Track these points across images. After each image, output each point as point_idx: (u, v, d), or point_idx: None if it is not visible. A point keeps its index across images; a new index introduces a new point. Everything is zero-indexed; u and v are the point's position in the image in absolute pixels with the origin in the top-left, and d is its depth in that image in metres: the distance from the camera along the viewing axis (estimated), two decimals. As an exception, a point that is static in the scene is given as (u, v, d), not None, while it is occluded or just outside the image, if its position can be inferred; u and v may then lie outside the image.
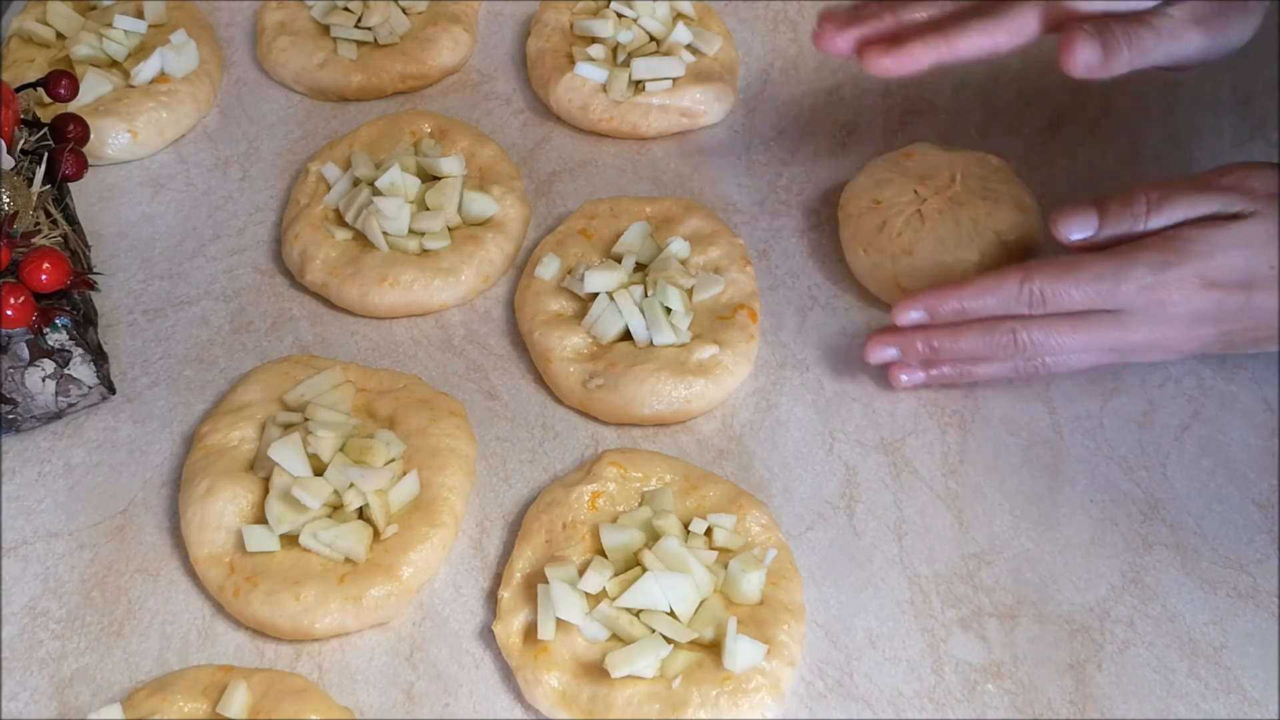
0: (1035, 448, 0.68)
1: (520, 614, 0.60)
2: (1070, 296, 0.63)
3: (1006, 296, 0.64)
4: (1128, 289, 0.62)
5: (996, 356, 0.66)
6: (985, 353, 0.66)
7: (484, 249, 0.75)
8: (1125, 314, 0.63)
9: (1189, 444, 0.68)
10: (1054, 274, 0.63)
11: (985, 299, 0.65)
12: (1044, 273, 0.63)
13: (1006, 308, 0.64)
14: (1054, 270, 0.63)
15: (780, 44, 0.92)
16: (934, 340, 0.67)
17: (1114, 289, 0.62)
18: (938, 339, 0.66)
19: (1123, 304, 0.62)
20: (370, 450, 0.63)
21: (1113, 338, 0.64)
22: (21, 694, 0.59)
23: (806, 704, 0.59)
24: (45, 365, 0.66)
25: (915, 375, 0.69)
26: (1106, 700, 0.59)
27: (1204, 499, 0.66)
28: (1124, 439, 0.68)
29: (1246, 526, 0.65)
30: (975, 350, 0.66)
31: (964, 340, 0.66)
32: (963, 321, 0.66)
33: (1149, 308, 0.62)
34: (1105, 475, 0.67)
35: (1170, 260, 0.61)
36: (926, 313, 0.66)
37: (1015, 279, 0.64)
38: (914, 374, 0.69)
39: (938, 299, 0.66)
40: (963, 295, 0.65)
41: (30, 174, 0.69)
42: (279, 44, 0.88)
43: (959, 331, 0.66)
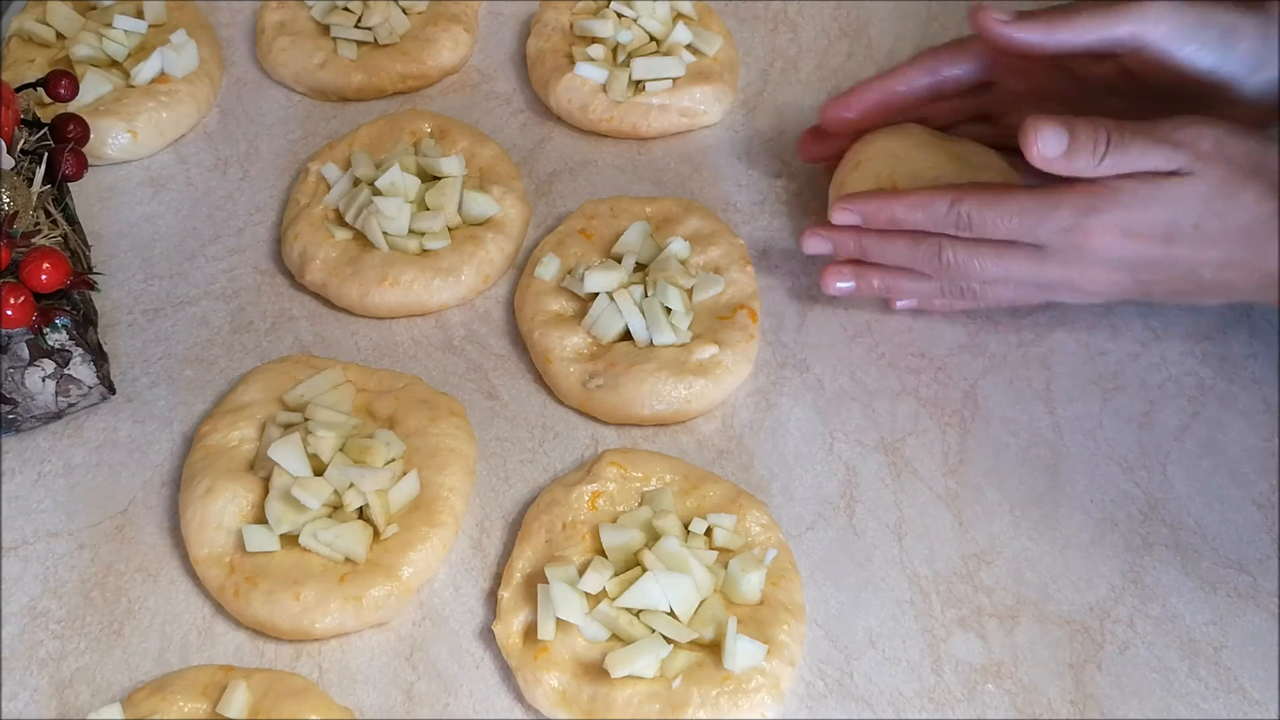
0: (1035, 448, 0.68)
1: (520, 614, 0.60)
2: (995, 225, 0.65)
3: (936, 213, 0.66)
4: (1050, 227, 0.64)
5: (922, 270, 0.69)
6: (911, 263, 0.69)
7: (484, 249, 0.75)
8: (1046, 250, 0.65)
9: (1189, 444, 0.68)
10: (983, 201, 0.65)
11: (916, 213, 0.67)
12: (974, 198, 0.65)
13: (935, 224, 0.67)
14: (984, 197, 0.65)
15: (780, 44, 0.92)
16: (864, 241, 0.70)
17: (1037, 225, 0.64)
18: (868, 240, 0.70)
19: (1044, 240, 0.64)
20: (370, 450, 0.63)
21: (1032, 271, 0.66)
22: (21, 694, 0.59)
23: (806, 704, 0.59)
24: (45, 365, 0.66)
25: (846, 280, 0.71)
26: (1106, 700, 0.59)
27: (1204, 499, 0.66)
28: (1124, 439, 0.68)
29: (1246, 526, 0.65)
30: (902, 258, 0.69)
31: (892, 246, 0.69)
32: (894, 230, 0.69)
33: (1068, 248, 0.64)
34: (1105, 475, 0.67)
35: (1096, 205, 0.62)
36: (861, 216, 0.69)
37: (946, 198, 0.66)
38: (845, 278, 0.71)
39: (873, 204, 0.69)
40: (895, 205, 0.68)
41: (30, 174, 0.69)
42: (279, 44, 0.88)
43: (889, 238, 0.69)
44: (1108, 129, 0.62)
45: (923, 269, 0.69)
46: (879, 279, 0.71)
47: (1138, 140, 0.62)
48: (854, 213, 0.69)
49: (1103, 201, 0.62)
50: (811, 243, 0.71)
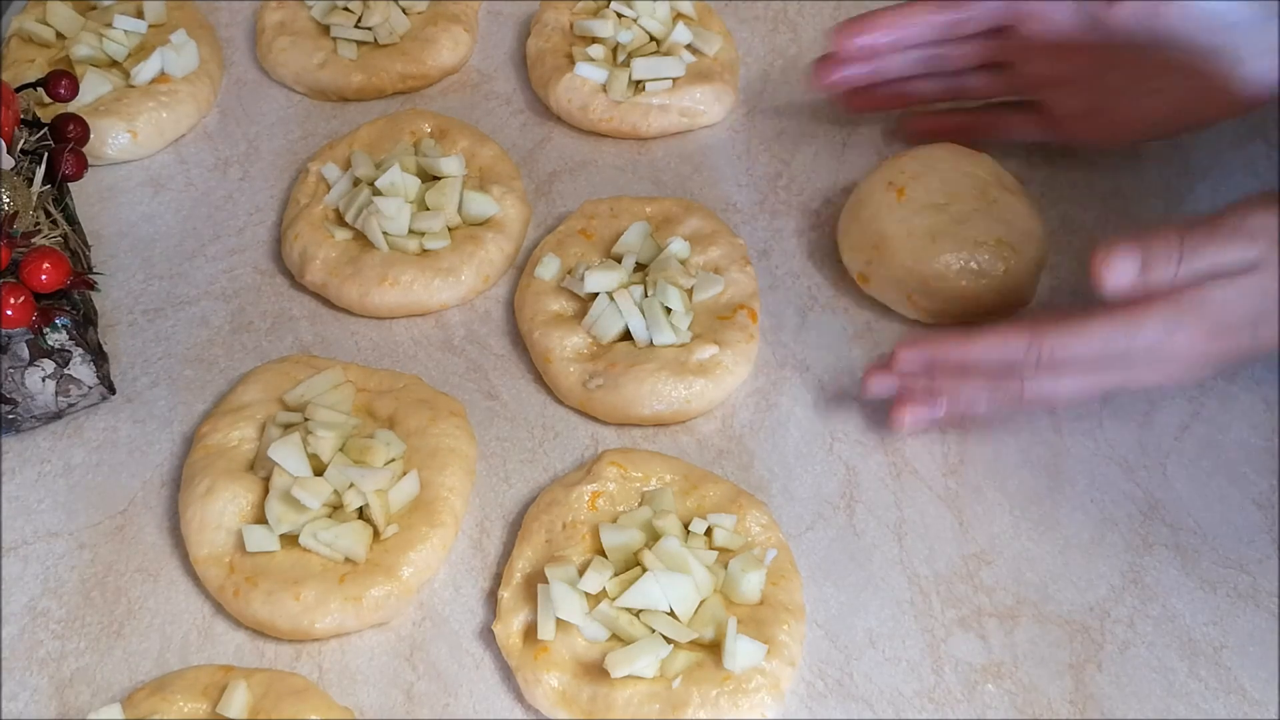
0: (1035, 448, 0.68)
1: (520, 614, 0.60)
2: (1079, 356, 0.62)
3: (1013, 354, 0.62)
4: (1139, 348, 0.61)
5: (1000, 403, 0.65)
6: (989, 400, 0.65)
7: (484, 249, 0.75)
8: (1133, 364, 0.62)
9: (1189, 444, 0.68)
10: (1062, 335, 0.61)
11: (991, 356, 0.63)
12: (1052, 334, 0.61)
13: (1010, 365, 0.63)
14: (1062, 331, 0.61)
15: (780, 44, 0.92)
16: (936, 381, 0.66)
17: (1124, 350, 0.61)
18: (939, 380, 0.65)
19: (1131, 358, 0.61)
20: (370, 450, 0.63)
21: (1117, 381, 0.63)
22: (21, 694, 0.59)
23: (806, 704, 0.59)
24: (45, 365, 0.66)
25: (919, 417, 0.67)
26: (1106, 700, 0.59)
27: (1204, 499, 0.66)
28: (1124, 439, 0.68)
29: (1246, 526, 0.65)
30: (979, 396, 0.65)
31: (968, 387, 0.65)
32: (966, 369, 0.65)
33: (1157, 359, 0.61)
34: (1105, 475, 0.67)
35: (1181, 319, 0.60)
36: (928, 364, 0.65)
37: (1023, 339, 0.62)
38: (918, 415, 0.67)
39: (940, 351, 0.65)
40: (966, 351, 0.64)
41: (30, 174, 0.69)
42: (279, 44, 0.88)
43: (962, 379, 0.65)
44: (1179, 235, 0.60)
45: (1003, 404, 0.65)
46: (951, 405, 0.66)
47: (1212, 240, 0.59)
48: (920, 358, 0.65)
49: (1187, 314, 0.60)
50: (875, 386, 0.67)
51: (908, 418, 0.66)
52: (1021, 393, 0.63)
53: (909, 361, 0.65)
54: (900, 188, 0.73)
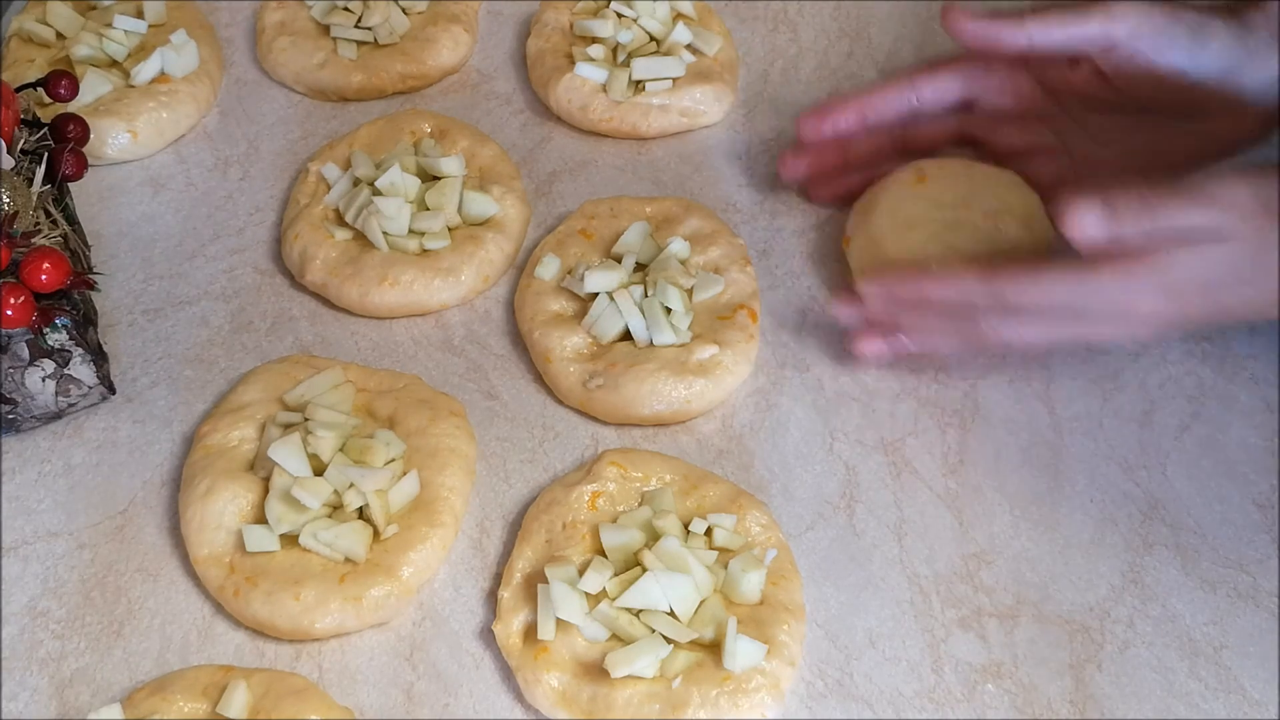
0: (1035, 448, 0.68)
1: (520, 614, 0.60)
2: (1033, 303, 0.62)
3: (969, 292, 0.64)
4: (1094, 300, 0.62)
5: (958, 339, 0.67)
6: (949, 335, 0.67)
7: (484, 249, 0.75)
8: (1089, 314, 0.63)
9: (1189, 444, 0.68)
10: (1017, 281, 0.62)
11: (948, 291, 0.65)
12: (1007, 277, 0.62)
13: (967, 303, 0.64)
14: (1016, 276, 0.62)
15: (780, 44, 0.92)
16: (897, 310, 0.68)
17: (1077, 300, 0.62)
18: (901, 310, 0.68)
19: (1085, 310, 0.62)
20: (370, 450, 0.63)
21: (1075, 332, 0.64)
22: (21, 694, 0.59)
23: (806, 704, 0.59)
24: (45, 365, 0.66)
25: (877, 346, 0.69)
26: (1106, 700, 0.59)
27: (1204, 499, 0.66)
28: (1124, 439, 0.68)
29: (1246, 526, 0.65)
30: (938, 330, 0.67)
31: (928, 319, 0.67)
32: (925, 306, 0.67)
33: (1114, 314, 0.62)
34: (1105, 475, 0.67)
35: (1138, 276, 0.60)
36: (887, 294, 0.67)
37: (976, 281, 0.63)
38: (876, 345, 0.69)
39: (898, 285, 0.67)
40: (925, 285, 0.65)
41: (30, 174, 0.69)
42: (279, 44, 0.88)
43: (924, 311, 0.67)
44: (1144, 193, 0.60)
45: (961, 340, 0.67)
46: (911, 340, 0.69)
47: (1178, 201, 0.59)
48: (880, 288, 0.67)
49: (1144, 271, 0.60)
50: (842, 310, 0.69)
51: (866, 348, 0.69)
52: (978, 328, 0.65)
53: (871, 294, 0.67)
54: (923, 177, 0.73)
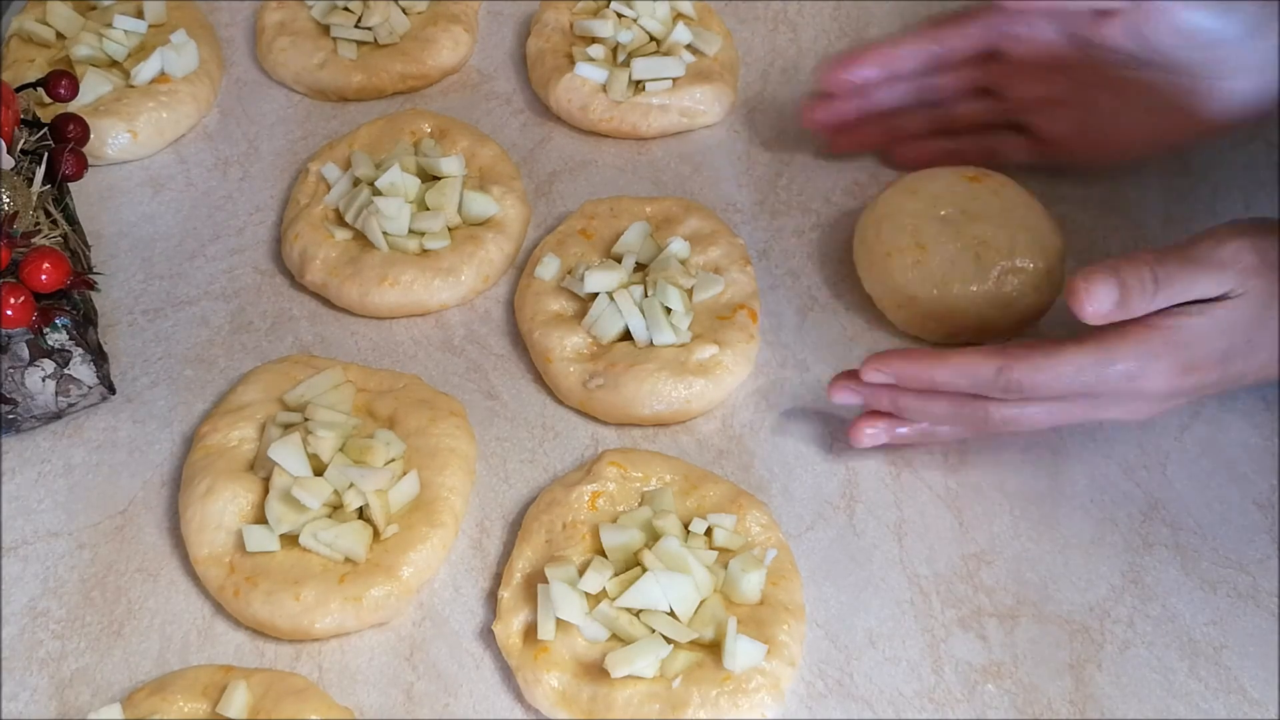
0: (1035, 448, 0.68)
1: (520, 614, 0.60)
2: (1049, 387, 0.60)
3: (982, 379, 0.61)
4: (1109, 382, 0.60)
5: (963, 427, 0.65)
6: (954, 424, 0.65)
7: (484, 249, 0.75)
8: (1102, 397, 0.61)
9: (1189, 444, 0.68)
10: (1033, 365, 0.60)
11: (959, 379, 0.62)
12: (1023, 364, 0.60)
13: (978, 389, 0.62)
14: (1033, 361, 0.60)
15: (780, 44, 0.92)
16: (900, 400, 0.64)
17: (1094, 382, 0.60)
18: (905, 400, 0.64)
19: (1101, 392, 0.61)
20: (370, 450, 0.63)
21: (1084, 414, 0.62)
22: (21, 694, 0.59)
23: (806, 704, 0.59)
24: (45, 365, 0.66)
25: (878, 435, 0.66)
26: (1106, 700, 0.59)
27: (1204, 499, 0.66)
28: (1124, 439, 0.68)
29: (1246, 526, 0.65)
30: (942, 418, 0.65)
31: (933, 407, 0.64)
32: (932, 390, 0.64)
33: (1126, 394, 0.61)
34: (1105, 475, 0.67)
35: (1155, 352, 0.59)
36: (895, 379, 0.64)
37: (993, 365, 0.61)
38: (876, 433, 0.66)
39: (908, 368, 0.63)
40: (935, 371, 0.62)
41: (30, 174, 0.69)
42: (279, 44, 0.88)
43: (928, 399, 0.64)
44: (1151, 264, 0.59)
45: (966, 428, 0.65)
46: (913, 428, 0.66)
47: (1184, 269, 0.59)
48: (887, 374, 0.63)
49: (1161, 346, 0.59)
50: (840, 394, 0.66)
51: (865, 435, 0.66)
52: (986, 418, 0.62)
53: (875, 376, 0.64)
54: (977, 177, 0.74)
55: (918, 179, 0.75)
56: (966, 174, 0.74)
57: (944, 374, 0.62)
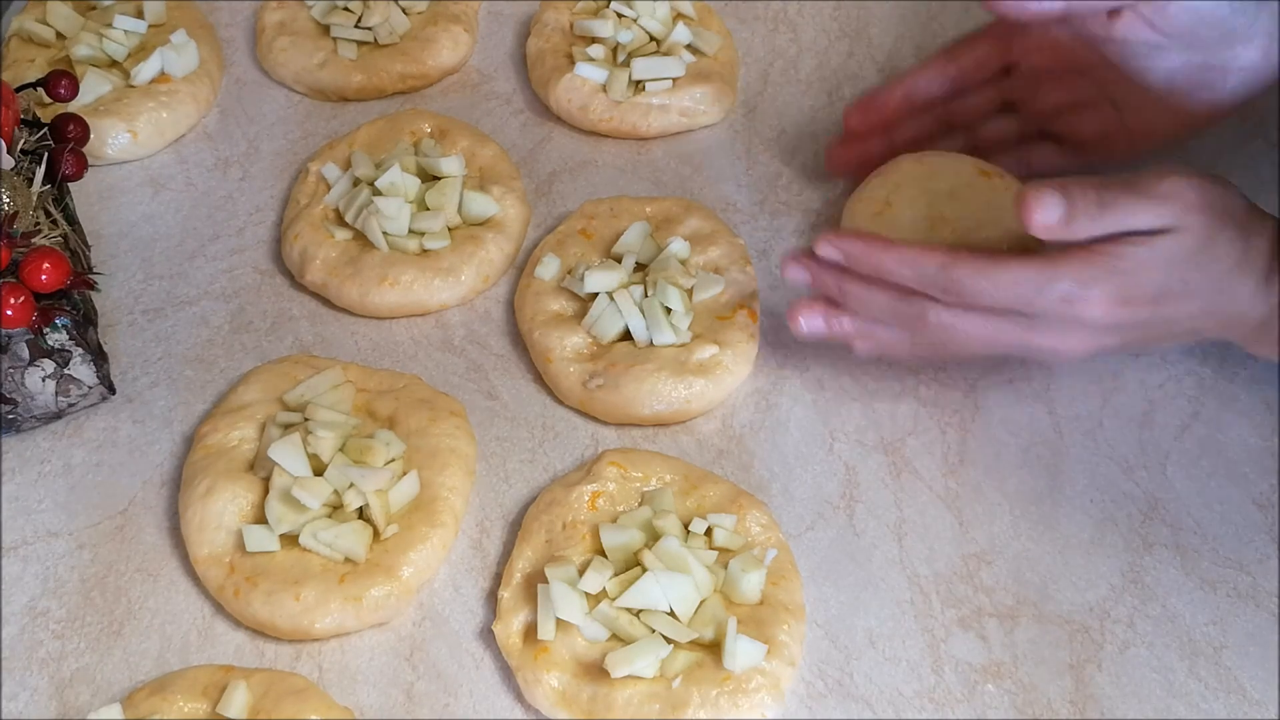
0: (1035, 448, 0.68)
1: (520, 614, 0.60)
2: (989, 294, 0.61)
3: (925, 273, 0.62)
4: (1046, 299, 0.61)
5: (900, 325, 0.65)
6: (892, 318, 0.65)
7: (484, 249, 0.75)
8: (1037, 319, 0.62)
9: (1189, 444, 0.68)
10: (977, 269, 0.61)
11: (904, 269, 0.63)
12: (968, 265, 0.61)
13: (923, 284, 0.63)
14: (977, 265, 0.61)
15: (780, 44, 0.92)
16: (846, 284, 0.65)
17: (1033, 297, 0.61)
18: (850, 285, 0.65)
19: (1037, 310, 0.61)
20: (370, 450, 0.63)
21: (1018, 338, 0.63)
22: (21, 694, 0.59)
23: (806, 704, 0.59)
24: (45, 365, 0.66)
25: (816, 319, 0.67)
26: (1106, 700, 0.59)
27: (1204, 499, 0.66)
28: (1124, 439, 0.68)
29: (1246, 526, 0.65)
30: (884, 313, 0.65)
31: (875, 298, 0.65)
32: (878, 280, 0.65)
33: (1062, 318, 0.61)
34: (1105, 475, 0.67)
35: (1095, 276, 0.60)
36: (844, 256, 0.65)
37: (937, 260, 0.62)
38: (815, 318, 0.67)
39: (859, 248, 0.64)
40: (884, 256, 0.63)
41: (30, 174, 0.69)
42: (279, 44, 0.88)
43: (873, 288, 0.65)
44: (1098, 188, 0.60)
45: (903, 326, 0.65)
46: (851, 323, 0.67)
47: (1125, 198, 0.60)
48: (838, 250, 0.65)
49: (1100, 271, 0.60)
50: (792, 270, 0.67)
51: (804, 320, 0.67)
52: (923, 317, 0.63)
53: (827, 250, 0.65)
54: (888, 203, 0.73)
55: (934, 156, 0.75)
56: (982, 167, 0.74)
57: (891, 260, 0.63)
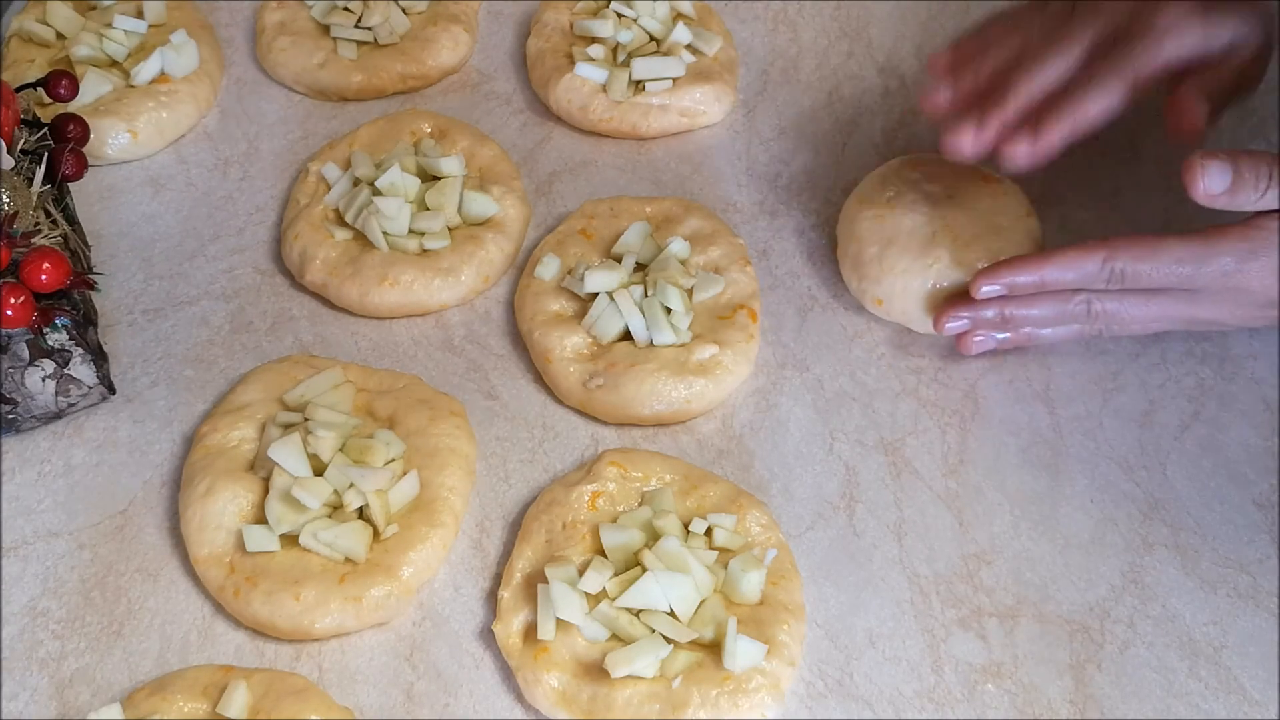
0: (1035, 448, 0.68)
1: (520, 614, 0.60)
2: (1150, 277, 0.63)
3: (1088, 273, 0.64)
4: (1209, 275, 0.63)
5: (1066, 323, 0.67)
6: (1056, 321, 0.67)
7: (484, 249, 0.75)
8: (1200, 294, 0.64)
9: (1189, 444, 0.68)
10: (1138, 254, 0.63)
11: (1067, 274, 0.65)
12: (1128, 252, 0.63)
13: (1084, 283, 0.65)
14: (1138, 250, 0.63)
15: (780, 44, 0.92)
16: (1007, 309, 0.67)
17: (1195, 273, 0.63)
18: (1011, 308, 0.67)
19: (1200, 286, 0.63)
20: (370, 450, 0.63)
21: (1182, 313, 0.65)
22: (21, 694, 0.59)
23: (806, 704, 0.59)
24: (45, 365, 0.66)
25: (986, 342, 0.69)
26: (1106, 700, 0.59)
27: (1204, 499, 0.66)
28: (1124, 439, 0.68)
29: (1246, 526, 0.65)
30: (1047, 318, 0.67)
31: (1037, 308, 0.67)
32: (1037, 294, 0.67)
33: (1226, 292, 0.63)
34: (1105, 475, 0.67)
35: (1255, 250, 0.61)
36: (1004, 289, 0.67)
37: (1098, 257, 0.64)
38: (985, 340, 0.69)
39: (1017, 273, 0.66)
40: (1043, 270, 0.66)
41: (30, 174, 0.69)
42: (279, 44, 0.88)
43: (1033, 301, 0.67)
44: (1270, 163, 0.61)
45: (1068, 323, 0.68)
46: (1016, 334, 0.69)
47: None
48: (999, 285, 0.67)
49: (1261, 245, 0.61)
50: (950, 325, 0.69)
51: (974, 343, 0.69)
52: (1089, 311, 0.65)
53: (988, 289, 0.67)
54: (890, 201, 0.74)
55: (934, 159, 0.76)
56: (981, 170, 0.75)
57: (1052, 271, 0.65)
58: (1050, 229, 0.76)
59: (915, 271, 0.70)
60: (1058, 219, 0.78)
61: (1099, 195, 0.80)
